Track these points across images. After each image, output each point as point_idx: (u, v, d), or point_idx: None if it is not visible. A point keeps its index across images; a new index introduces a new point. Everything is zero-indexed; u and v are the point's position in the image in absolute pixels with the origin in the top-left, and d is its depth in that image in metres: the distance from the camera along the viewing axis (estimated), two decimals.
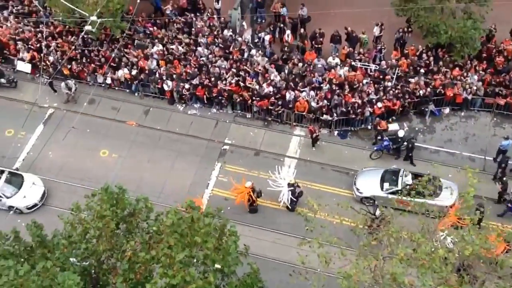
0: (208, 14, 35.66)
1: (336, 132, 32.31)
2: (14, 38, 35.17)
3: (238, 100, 32.39)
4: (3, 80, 34.43)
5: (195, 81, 32.82)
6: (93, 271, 18.92)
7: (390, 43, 34.08)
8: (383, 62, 32.88)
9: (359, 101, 31.33)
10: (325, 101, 31.49)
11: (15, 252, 18.18)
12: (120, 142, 32.11)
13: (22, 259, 18.06)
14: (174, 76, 33.05)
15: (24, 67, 34.78)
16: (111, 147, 31.92)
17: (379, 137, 31.35)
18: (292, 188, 28.22)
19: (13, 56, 35.15)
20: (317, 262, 21.51)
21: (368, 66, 32.94)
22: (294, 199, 28.28)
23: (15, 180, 29.53)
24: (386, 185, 28.87)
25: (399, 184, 28.44)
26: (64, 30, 35.19)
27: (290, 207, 28.45)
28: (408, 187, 27.18)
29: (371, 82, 32.20)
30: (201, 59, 33.62)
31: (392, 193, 28.31)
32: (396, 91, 31.68)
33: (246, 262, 19.25)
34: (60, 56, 34.02)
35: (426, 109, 32.13)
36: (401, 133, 30.65)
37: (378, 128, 31.19)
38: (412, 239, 18.78)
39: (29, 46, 34.75)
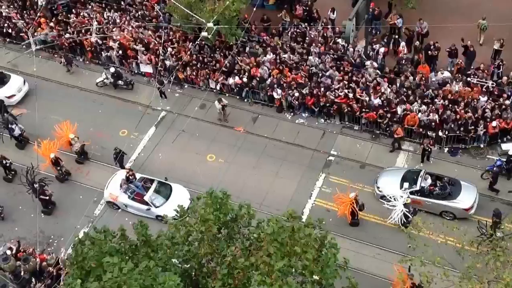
0: (323, 24, 35.61)
1: (446, 149, 31.17)
2: (134, 41, 36.71)
3: (346, 110, 32.03)
4: (120, 82, 36.02)
5: (305, 90, 32.82)
6: (193, 273, 19.31)
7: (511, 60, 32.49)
8: (504, 78, 31.34)
9: (473, 118, 30.08)
10: (436, 116, 30.46)
11: (120, 249, 18.72)
12: (227, 148, 32.60)
13: (126, 257, 18.62)
14: (284, 84, 33.21)
15: (146, 68, 36.24)
16: (218, 152, 32.46)
17: (396, 144, 30.99)
18: (407, 208, 27.08)
19: (133, 59, 36.69)
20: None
21: (485, 82, 31.53)
22: (410, 217, 26.90)
23: (164, 190, 29.99)
24: (405, 184, 28.45)
25: (418, 184, 28.22)
26: (181, 36, 36.34)
27: (400, 224, 27.02)
28: (426, 188, 28.02)
29: (488, 99, 30.82)
30: (311, 68, 33.60)
31: (410, 193, 27.94)
32: None
33: (345, 275, 18.95)
34: (175, 61, 35.15)
35: None
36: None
37: (395, 135, 30.52)
38: None
39: (148, 50, 36.14)
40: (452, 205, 27.93)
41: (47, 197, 29.75)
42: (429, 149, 30.27)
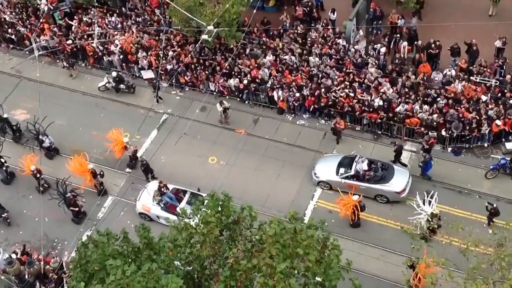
0: (323, 25, 35.61)
1: (450, 149, 31.10)
2: (135, 46, 36.79)
3: (346, 110, 31.99)
4: (122, 86, 36.10)
5: (305, 91, 32.81)
6: (195, 275, 19.28)
7: None
8: (508, 77, 31.25)
9: (477, 117, 30.01)
10: (436, 116, 30.39)
11: (123, 252, 18.71)
12: (228, 150, 32.61)
13: (129, 260, 18.63)
14: (284, 85, 33.21)
15: (148, 74, 36.31)
16: (220, 154, 32.48)
17: (340, 138, 31.81)
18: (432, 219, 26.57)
19: (134, 63, 36.76)
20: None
21: (488, 81, 31.46)
22: (432, 225, 26.26)
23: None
24: (341, 170, 29.48)
25: (353, 169, 29.05)
26: (181, 40, 36.39)
27: (425, 235, 26.08)
28: (362, 172, 28.97)
29: (491, 97, 30.77)
30: (312, 69, 33.60)
31: (346, 178, 29.15)
32: None
33: (348, 277, 18.88)
34: (176, 64, 35.21)
35: None
36: None
37: (337, 127, 31.16)
38: None
39: (149, 54, 36.21)
40: (385, 189, 28.80)
41: (78, 208, 29.62)
42: (429, 148, 30.11)
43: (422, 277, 22.91)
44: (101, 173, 30.70)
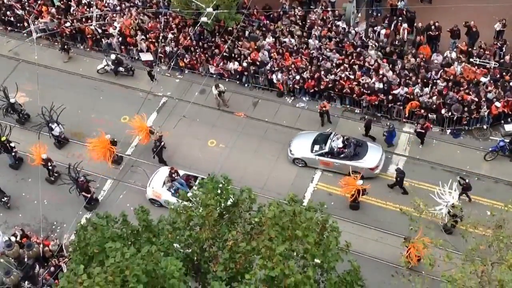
0: (322, 7, 35.39)
1: (449, 131, 31.09)
2: (134, 28, 36.57)
3: (345, 91, 31.89)
4: (121, 69, 35.94)
5: (305, 74, 32.70)
6: (195, 258, 19.35)
7: None
8: (506, 58, 31.10)
9: (476, 99, 29.95)
10: (434, 98, 30.33)
11: (122, 235, 18.80)
12: (228, 133, 32.59)
13: (128, 242, 18.71)
14: (284, 68, 33.09)
15: (146, 56, 36.08)
16: (219, 137, 32.46)
17: (324, 117, 31.87)
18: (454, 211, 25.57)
19: (133, 46, 36.57)
20: (420, 264, 20.98)
21: (488, 63, 31.34)
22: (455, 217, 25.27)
23: None
24: (316, 147, 29.87)
25: (327, 146, 29.42)
26: (181, 22, 36.16)
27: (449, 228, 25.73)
28: (336, 149, 29.42)
29: (490, 79, 30.67)
30: (312, 51, 33.44)
31: (320, 154, 29.56)
32: None
33: (347, 259, 18.98)
34: (175, 46, 35.03)
35: None
36: None
37: (323, 109, 31.42)
38: None
39: (148, 36, 36.03)
40: (359, 165, 29.00)
41: (90, 194, 29.22)
42: (424, 132, 30.05)
43: (414, 252, 23.12)
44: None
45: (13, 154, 31.72)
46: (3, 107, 33.23)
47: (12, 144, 31.38)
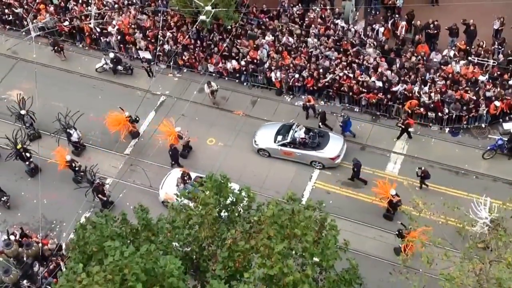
0: (321, 5, 35.39)
1: (447, 129, 31.12)
2: (133, 27, 36.55)
3: (343, 89, 31.88)
4: (120, 67, 35.93)
5: (304, 73, 32.71)
6: (194, 256, 19.38)
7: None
8: (500, 56, 31.12)
9: (474, 98, 29.98)
10: (438, 96, 30.35)
11: (121, 233, 18.78)
12: (226, 131, 32.59)
13: (127, 241, 18.70)
14: (282, 67, 33.09)
15: (145, 54, 36.09)
16: (218, 136, 32.47)
17: (307, 112, 32.16)
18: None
19: (132, 44, 36.54)
20: (418, 262, 20.91)
21: (486, 61, 31.38)
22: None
23: None
24: (278, 137, 30.43)
25: (289, 136, 29.97)
26: (179, 20, 36.14)
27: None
28: (298, 140, 29.89)
29: (489, 78, 30.71)
30: (311, 50, 33.45)
31: (283, 145, 30.17)
32: None
33: (345, 257, 19.05)
34: (173, 45, 35.01)
35: None
36: None
37: (308, 103, 31.74)
38: None
39: (146, 35, 36.00)
40: (320, 155, 29.77)
41: (105, 198, 29.25)
42: (405, 127, 30.21)
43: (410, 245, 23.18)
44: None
45: (27, 163, 31.20)
46: (16, 114, 32.60)
47: (28, 154, 30.82)
